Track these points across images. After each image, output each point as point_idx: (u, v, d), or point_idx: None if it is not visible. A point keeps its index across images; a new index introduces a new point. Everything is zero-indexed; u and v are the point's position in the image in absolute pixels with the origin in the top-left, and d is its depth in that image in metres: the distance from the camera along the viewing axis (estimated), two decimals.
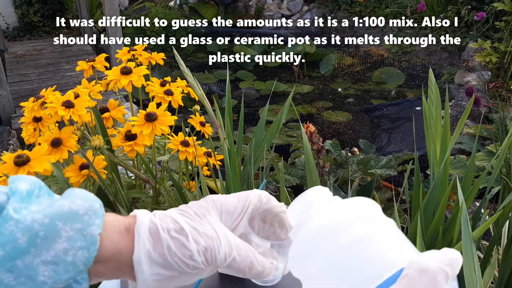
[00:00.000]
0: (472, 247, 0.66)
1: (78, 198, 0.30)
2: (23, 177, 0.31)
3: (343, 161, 1.92)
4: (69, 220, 0.29)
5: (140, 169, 1.11)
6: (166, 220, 0.33)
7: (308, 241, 0.33)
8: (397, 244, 0.30)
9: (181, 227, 0.32)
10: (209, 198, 0.36)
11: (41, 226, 0.28)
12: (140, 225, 0.32)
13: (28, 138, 1.02)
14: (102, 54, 1.20)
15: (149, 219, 0.33)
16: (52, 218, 0.29)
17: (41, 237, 0.28)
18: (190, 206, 0.35)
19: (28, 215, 0.28)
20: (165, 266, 0.31)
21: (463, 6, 4.04)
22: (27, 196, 0.29)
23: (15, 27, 5.05)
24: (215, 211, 0.35)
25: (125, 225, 0.32)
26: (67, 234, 0.29)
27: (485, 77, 3.34)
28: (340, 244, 0.30)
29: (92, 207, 0.30)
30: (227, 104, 1.01)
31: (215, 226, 0.34)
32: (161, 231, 0.32)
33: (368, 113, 3.74)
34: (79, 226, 0.29)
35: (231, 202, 0.36)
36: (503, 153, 0.94)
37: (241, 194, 0.37)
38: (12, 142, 2.63)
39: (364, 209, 0.32)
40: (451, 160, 2.09)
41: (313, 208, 0.35)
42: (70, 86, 3.42)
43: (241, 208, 0.36)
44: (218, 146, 1.98)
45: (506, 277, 0.94)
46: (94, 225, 0.30)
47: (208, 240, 0.32)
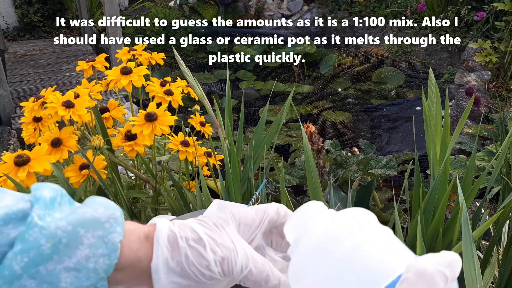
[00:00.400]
0: (472, 247, 0.66)
1: (100, 206, 0.31)
2: (46, 185, 0.31)
3: (343, 161, 1.92)
4: (91, 227, 0.29)
5: (140, 169, 1.11)
6: (185, 229, 0.33)
7: (305, 256, 0.33)
8: (394, 251, 0.30)
9: (199, 236, 0.33)
10: (228, 210, 0.37)
11: (64, 233, 0.28)
12: (159, 233, 0.32)
13: (28, 138, 1.02)
14: (102, 54, 1.20)
15: (168, 227, 0.33)
16: (74, 225, 0.29)
17: (64, 244, 0.28)
18: (209, 217, 0.35)
19: (52, 222, 0.28)
20: (182, 275, 0.32)
21: (463, 6, 4.04)
22: (50, 203, 0.30)
23: (15, 27, 5.05)
24: (233, 223, 0.36)
25: (145, 233, 0.33)
26: (88, 241, 0.29)
27: (485, 77, 3.35)
28: (336, 257, 0.30)
29: (113, 215, 0.31)
30: (227, 104, 1.01)
31: (233, 237, 0.34)
32: (180, 240, 0.32)
33: (368, 113, 3.74)
34: (101, 233, 0.29)
35: (250, 214, 0.37)
36: (503, 153, 0.94)
37: (260, 207, 0.38)
38: (12, 142, 2.63)
39: (358, 219, 0.33)
40: (451, 160, 2.09)
41: (308, 223, 0.35)
42: (70, 86, 3.42)
43: (259, 221, 0.37)
44: (218, 146, 1.98)
45: (506, 277, 0.94)
46: (115, 233, 0.30)
47: (225, 251, 0.32)
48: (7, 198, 0.29)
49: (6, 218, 0.28)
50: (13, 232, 0.28)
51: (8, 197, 0.29)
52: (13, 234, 0.28)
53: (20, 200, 0.29)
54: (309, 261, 0.32)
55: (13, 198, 0.29)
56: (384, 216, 1.55)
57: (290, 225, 0.37)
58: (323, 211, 0.36)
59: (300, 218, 0.36)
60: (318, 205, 0.36)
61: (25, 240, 0.27)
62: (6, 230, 0.28)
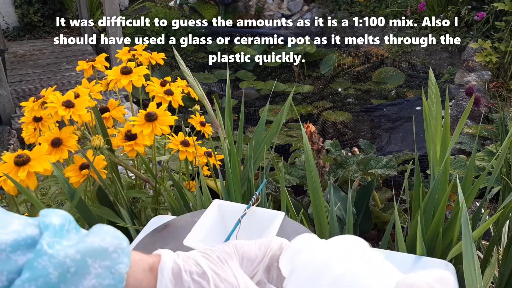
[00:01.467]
0: (472, 247, 0.66)
1: (108, 236, 0.31)
2: (55, 212, 0.31)
3: (343, 161, 1.92)
4: (98, 257, 0.29)
5: (140, 169, 1.11)
6: (189, 262, 0.33)
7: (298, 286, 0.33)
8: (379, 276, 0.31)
9: (203, 270, 0.33)
10: (231, 243, 0.37)
11: (73, 262, 0.28)
12: (164, 265, 0.32)
13: (28, 138, 1.02)
14: (102, 54, 1.20)
15: (173, 259, 0.33)
16: (83, 255, 0.29)
17: (71, 273, 0.28)
18: (213, 250, 0.36)
19: (61, 250, 0.28)
20: None
21: (463, 6, 4.04)
22: (59, 230, 0.30)
23: (15, 27, 5.05)
24: (236, 257, 0.36)
25: (149, 264, 0.33)
26: (96, 271, 0.29)
27: (485, 77, 3.34)
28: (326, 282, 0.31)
29: (120, 245, 0.31)
30: (227, 104, 1.01)
31: (236, 273, 0.34)
32: (184, 273, 0.32)
33: (368, 113, 3.74)
34: (108, 264, 0.29)
35: (253, 249, 0.37)
36: (503, 153, 0.94)
37: (263, 241, 0.38)
38: (12, 142, 2.63)
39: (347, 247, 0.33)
40: (451, 160, 2.09)
41: (299, 257, 0.35)
42: (70, 86, 3.42)
43: (262, 256, 0.37)
44: (218, 146, 1.98)
45: (506, 277, 0.94)
46: (122, 263, 0.30)
47: (228, 286, 0.33)
48: (15, 222, 0.29)
49: (15, 245, 0.28)
50: (21, 259, 0.27)
51: (16, 221, 0.29)
52: (21, 261, 0.27)
53: (28, 226, 0.29)
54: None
55: (21, 223, 0.29)
56: (384, 216, 1.55)
57: (284, 259, 0.37)
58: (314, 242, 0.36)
59: (293, 251, 0.37)
60: (310, 238, 0.37)
61: (33, 268, 0.27)
62: (15, 256, 0.27)
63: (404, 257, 0.64)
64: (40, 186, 0.95)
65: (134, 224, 1.00)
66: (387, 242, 1.02)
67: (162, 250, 0.34)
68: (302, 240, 0.37)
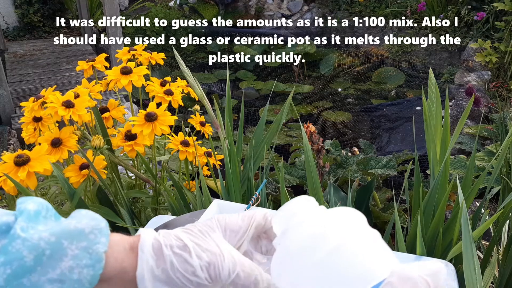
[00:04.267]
0: (472, 247, 0.66)
1: (85, 218, 0.31)
2: (31, 199, 0.31)
3: (343, 161, 1.92)
4: (75, 239, 0.29)
5: (140, 169, 1.11)
6: (170, 237, 0.33)
7: (285, 254, 0.33)
8: (377, 256, 0.30)
9: (184, 243, 0.32)
10: (214, 217, 0.37)
11: (47, 244, 0.28)
12: (144, 243, 0.32)
13: (28, 138, 1.02)
14: (102, 54, 1.20)
15: (153, 237, 0.33)
16: (58, 237, 0.29)
17: (47, 255, 0.28)
18: (194, 225, 0.35)
19: (35, 233, 0.28)
20: (168, 282, 0.31)
21: (463, 6, 4.04)
22: (34, 216, 0.30)
23: (15, 27, 5.05)
24: (219, 229, 0.36)
25: (130, 243, 0.33)
26: (72, 253, 0.29)
27: (485, 77, 3.34)
28: (319, 257, 0.30)
29: (97, 226, 0.31)
30: (227, 104, 1.01)
31: (219, 243, 0.34)
32: (164, 248, 0.32)
33: (368, 113, 3.74)
34: (85, 245, 0.29)
35: (236, 221, 0.37)
36: (503, 153, 0.94)
37: (246, 213, 0.38)
38: (12, 142, 2.63)
39: (345, 220, 0.32)
40: (451, 160, 2.09)
41: (295, 219, 0.34)
42: (70, 86, 3.42)
43: (246, 227, 0.37)
44: (218, 146, 1.98)
45: (506, 277, 0.94)
46: (100, 243, 0.30)
47: (211, 256, 0.32)
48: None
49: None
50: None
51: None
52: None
53: (5, 215, 0.29)
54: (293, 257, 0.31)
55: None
56: (384, 216, 1.55)
57: (278, 217, 0.36)
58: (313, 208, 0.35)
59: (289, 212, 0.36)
60: (309, 200, 0.36)
61: (8, 252, 0.27)
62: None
63: (404, 257, 0.64)
64: (40, 186, 0.95)
65: (134, 224, 1.00)
66: (387, 242, 1.03)
67: (142, 229, 0.34)
68: (298, 203, 0.36)
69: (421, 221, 0.82)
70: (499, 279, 0.97)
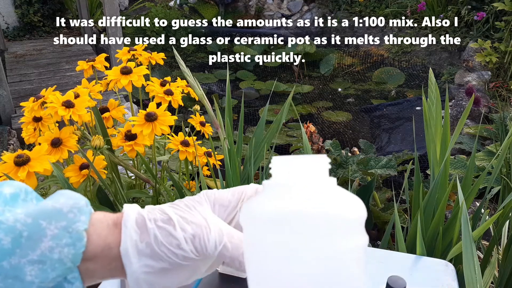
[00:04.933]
0: (472, 247, 0.66)
1: (62, 197, 0.30)
2: (8, 182, 0.31)
3: (343, 161, 1.92)
4: (53, 219, 0.29)
5: (140, 169, 1.11)
6: (154, 211, 0.32)
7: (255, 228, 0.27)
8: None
9: (169, 217, 0.32)
10: (202, 192, 0.36)
11: (24, 226, 0.28)
12: (127, 218, 0.32)
13: (28, 138, 1.02)
14: (102, 54, 1.20)
15: (137, 211, 0.32)
16: (35, 218, 0.28)
17: (25, 237, 0.28)
18: (181, 200, 0.35)
19: (10, 216, 0.28)
20: (153, 256, 0.31)
21: (463, 6, 4.04)
22: (11, 199, 0.29)
23: (15, 27, 5.05)
24: (207, 203, 0.35)
25: (113, 220, 0.32)
26: (52, 233, 0.28)
27: (485, 77, 3.34)
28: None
29: (76, 204, 0.30)
30: (227, 104, 1.01)
31: (206, 215, 0.33)
32: (148, 222, 0.31)
33: (368, 113, 3.74)
34: (64, 224, 0.29)
35: (226, 195, 0.36)
36: (503, 153, 0.94)
37: (237, 188, 0.37)
38: (12, 142, 2.63)
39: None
40: (451, 160, 2.09)
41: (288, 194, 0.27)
42: (70, 86, 3.42)
43: (236, 201, 0.36)
44: (218, 146, 1.98)
45: (506, 277, 0.94)
46: (80, 222, 0.30)
47: (196, 228, 0.31)
48: None
49: None
50: None
51: None
52: None
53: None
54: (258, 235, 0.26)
55: None
56: (384, 216, 1.55)
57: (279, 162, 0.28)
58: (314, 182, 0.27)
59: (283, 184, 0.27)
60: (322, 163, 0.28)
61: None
62: None
63: (404, 257, 0.64)
64: (40, 186, 0.95)
65: None
66: (387, 242, 1.02)
67: (127, 205, 0.33)
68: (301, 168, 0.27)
69: (421, 221, 0.82)
70: (499, 279, 0.97)
